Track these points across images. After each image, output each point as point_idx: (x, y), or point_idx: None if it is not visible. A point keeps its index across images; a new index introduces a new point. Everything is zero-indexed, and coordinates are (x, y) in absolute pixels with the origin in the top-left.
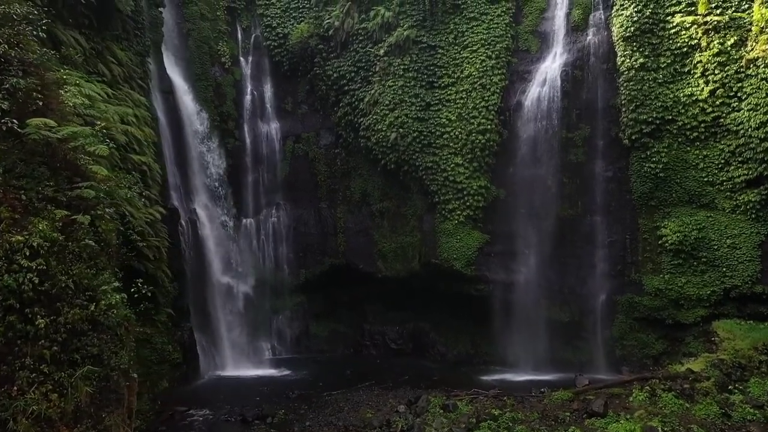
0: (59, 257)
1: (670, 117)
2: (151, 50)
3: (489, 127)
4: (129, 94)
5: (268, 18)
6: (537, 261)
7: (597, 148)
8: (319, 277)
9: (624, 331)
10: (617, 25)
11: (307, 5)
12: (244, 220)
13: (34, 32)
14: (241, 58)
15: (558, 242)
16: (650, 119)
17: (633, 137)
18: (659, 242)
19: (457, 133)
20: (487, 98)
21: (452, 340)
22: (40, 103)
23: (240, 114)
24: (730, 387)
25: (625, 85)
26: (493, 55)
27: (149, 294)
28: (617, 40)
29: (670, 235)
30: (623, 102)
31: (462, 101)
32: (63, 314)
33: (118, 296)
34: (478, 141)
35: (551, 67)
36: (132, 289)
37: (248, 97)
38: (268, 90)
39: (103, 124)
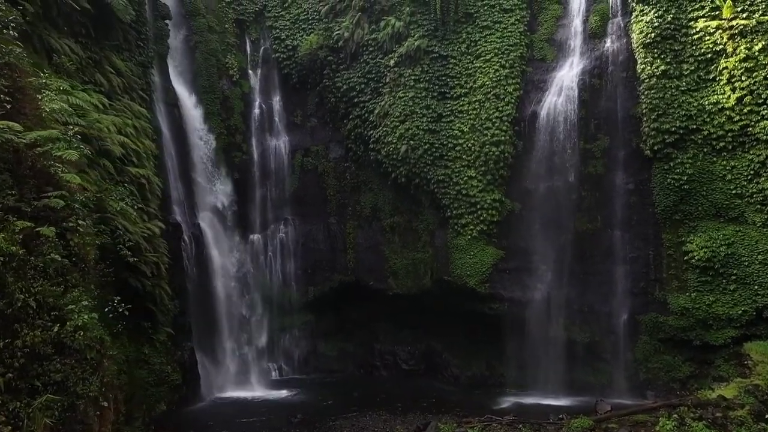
0: (18, 273)
1: (695, 126)
2: (155, 62)
3: (503, 138)
4: (129, 105)
5: (278, 30)
6: (554, 278)
7: (617, 159)
8: (328, 295)
9: (648, 353)
10: (637, 32)
11: (317, 17)
12: (251, 236)
13: (4, 30)
14: (250, 71)
15: (577, 258)
16: (673, 129)
17: (655, 148)
18: (685, 258)
19: (469, 144)
20: (501, 109)
21: (466, 361)
22: (9, 107)
23: (248, 127)
24: (767, 416)
25: (646, 93)
26: (507, 65)
27: (126, 312)
28: (637, 47)
29: (696, 250)
30: (644, 111)
31: (475, 112)
32: (21, 336)
33: (87, 316)
34: (491, 153)
35: (568, 75)
36: (106, 308)
37: (256, 111)
38: (276, 103)
39: (75, 129)
